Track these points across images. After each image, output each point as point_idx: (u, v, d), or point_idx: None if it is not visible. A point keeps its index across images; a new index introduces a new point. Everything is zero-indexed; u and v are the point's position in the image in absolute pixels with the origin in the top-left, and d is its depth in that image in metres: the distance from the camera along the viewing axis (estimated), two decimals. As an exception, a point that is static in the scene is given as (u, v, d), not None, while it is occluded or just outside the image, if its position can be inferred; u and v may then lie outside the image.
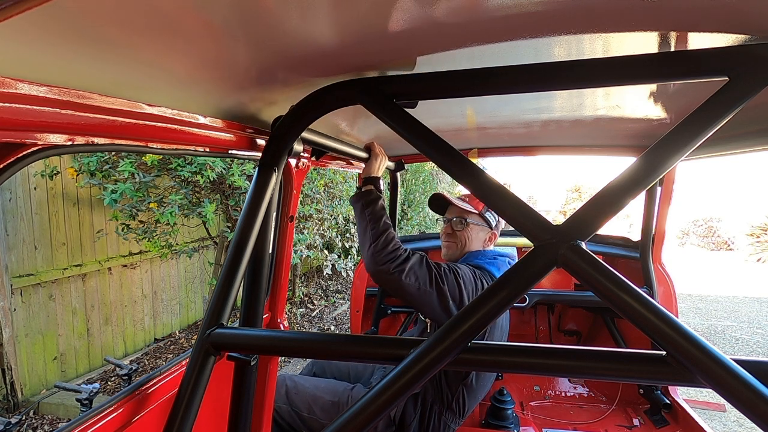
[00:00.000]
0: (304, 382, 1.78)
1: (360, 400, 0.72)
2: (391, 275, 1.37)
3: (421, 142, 0.83)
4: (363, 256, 1.44)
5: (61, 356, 3.67)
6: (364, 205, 1.47)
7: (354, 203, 1.51)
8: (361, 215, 1.46)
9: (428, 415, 1.62)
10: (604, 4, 0.59)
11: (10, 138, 0.54)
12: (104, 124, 0.65)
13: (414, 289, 1.39)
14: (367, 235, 1.42)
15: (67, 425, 0.89)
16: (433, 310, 1.43)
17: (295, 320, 5.27)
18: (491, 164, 25.73)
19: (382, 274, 1.38)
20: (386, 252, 1.38)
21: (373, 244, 1.39)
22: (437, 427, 1.63)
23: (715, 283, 8.65)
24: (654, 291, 2.11)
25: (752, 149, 1.32)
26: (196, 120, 0.84)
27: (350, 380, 1.94)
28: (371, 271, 1.41)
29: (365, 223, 1.44)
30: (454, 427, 1.66)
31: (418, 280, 1.40)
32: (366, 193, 1.50)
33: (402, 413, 1.61)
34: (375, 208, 1.46)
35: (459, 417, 1.66)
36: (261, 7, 0.54)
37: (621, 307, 0.67)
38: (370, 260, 1.39)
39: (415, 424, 1.61)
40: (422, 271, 1.42)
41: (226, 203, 3.90)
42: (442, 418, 1.63)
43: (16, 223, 3.31)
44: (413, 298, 1.41)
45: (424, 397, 1.63)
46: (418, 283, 1.40)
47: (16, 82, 0.51)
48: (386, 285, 1.42)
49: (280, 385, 1.74)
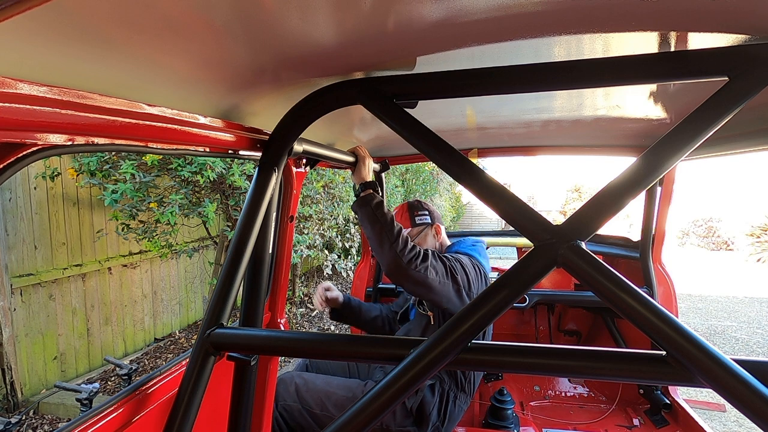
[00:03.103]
0: (314, 379, 1.78)
1: (360, 400, 0.72)
2: (417, 272, 1.40)
3: (421, 142, 0.83)
4: (383, 257, 1.43)
5: (61, 356, 3.67)
6: (374, 207, 1.46)
7: (360, 208, 1.49)
8: (373, 218, 1.45)
9: (446, 401, 1.66)
10: (604, 4, 0.59)
11: (10, 138, 0.54)
12: (104, 124, 0.65)
13: (437, 283, 1.44)
14: (385, 236, 1.41)
15: (67, 425, 0.89)
16: (450, 300, 1.48)
17: (295, 320, 5.27)
18: (491, 164, 25.75)
19: (408, 272, 1.39)
20: (407, 250, 1.40)
21: (394, 243, 1.40)
22: (453, 411, 1.67)
23: (715, 283, 8.65)
24: (654, 291, 2.11)
25: (752, 149, 1.32)
26: (196, 120, 0.84)
27: (348, 375, 1.96)
28: (397, 271, 1.41)
29: (379, 226, 1.43)
30: (465, 407, 1.73)
31: (438, 273, 1.44)
32: (370, 196, 1.49)
33: (420, 403, 1.62)
34: (384, 209, 1.47)
35: (469, 396, 1.73)
36: (261, 7, 0.54)
37: (621, 307, 0.67)
38: (393, 260, 1.40)
39: (434, 412, 1.63)
40: (439, 264, 1.46)
41: (226, 203, 3.90)
42: (456, 401, 1.68)
43: (16, 223, 3.31)
44: (435, 293, 1.45)
45: (441, 385, 1.66)
46: (439, 277, 1.44)
47: (16, 82, 0.51)
48: (410, 282, 1.43)
49: (289, 383, 1.74)
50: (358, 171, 1.58)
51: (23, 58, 0.50)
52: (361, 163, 1.58)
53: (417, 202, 1.86)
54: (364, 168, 1.58)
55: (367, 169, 1.59)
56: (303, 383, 1.75)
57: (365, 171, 1.58)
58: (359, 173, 1.58)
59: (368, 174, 1.59)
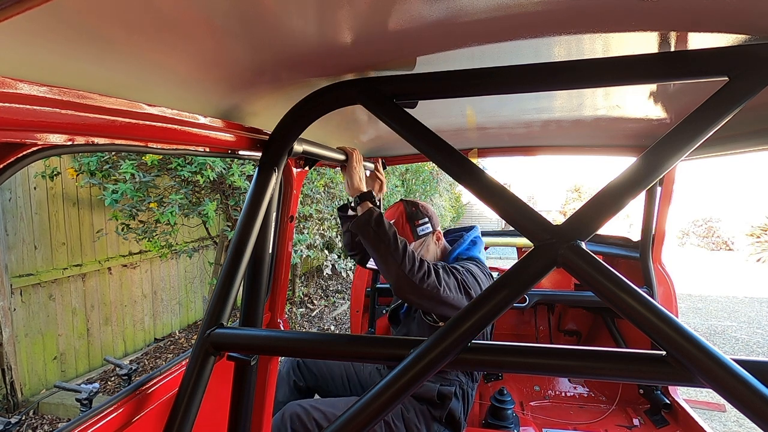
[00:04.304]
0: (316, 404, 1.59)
1: (360, 400, 0.72)
2: (429, 291, 1.33)
3: (421, 142, 0.83)
4: (389, 277, 1.34)
5: (61, 356, 3.67)
6: (375, 227, 1.35)
7: (360, 227, 1.38)
8: (375, 239, 1.34)
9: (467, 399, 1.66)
10: (605, 4, 0.59)
11: (10, 138, 0.54)
12: (104, 124, 0.65)
13: (451, 299, 1.38)
14: (390, 257, 1.32)
15: (67, 425, 0.89)
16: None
17: (295, 320, 5.27)
18: (491, 164, 25.73)
19: (419, 291, 1.32)
20: (416, 269, 1.32)
21: (401, 264, 1.30)
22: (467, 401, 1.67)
23: (715, 283, 8.64)
24: (654, 291, 2.11)
25: (752, 149, 1.32)
26: (196, 120, 0.84)
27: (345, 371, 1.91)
28: (407, 291, 1.34)
29: (383, 246, 1.33)
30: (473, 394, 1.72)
31: (452, 289, 1.38)
32: (368, 214, 1.38)
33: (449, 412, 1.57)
34: (385, 226, 1.36)
35: (476, 382, 1.73)
36: (261, 7, 0.54)
37: (621, 307, 0.67)
38: (402, 281, 1.31)
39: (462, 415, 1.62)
40: (450, 279, 1.39)
41: (226, 203, 3.90)
42: (472, 392, 1.69)
43: (16, 223, 3.31)
44: (450, 308, 1.39)
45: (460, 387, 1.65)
46: (453, 293, 1.38)
47: (16, 82, 0.51)
48: (420, 299, 1.36)
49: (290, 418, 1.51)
50: (349, 177, 1.47)
51: (23, 58, 0.50)
52: (351, 167, 1.46)
53: (415, 209, 1.73)
54: (355, 174, 1.46)
55: (358, 175, 1.47)
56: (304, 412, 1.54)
57: (357, 178, 1.46)
58: (351, 181, 1.46)
59: (361, 182, 1.48)
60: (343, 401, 1.64)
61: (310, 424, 1.49)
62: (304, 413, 1.51)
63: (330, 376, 1.90)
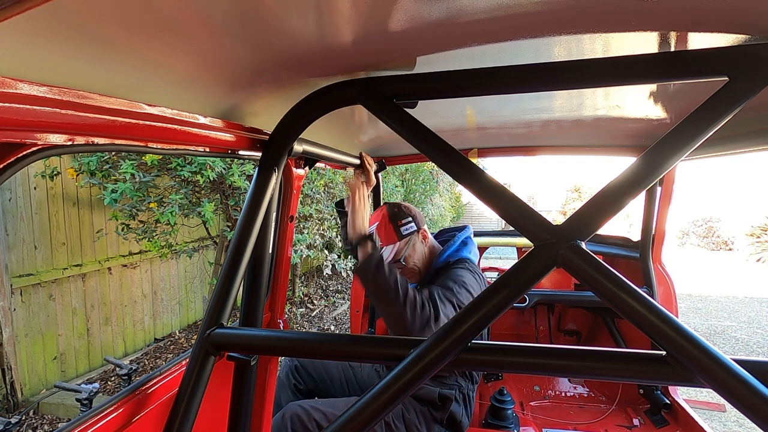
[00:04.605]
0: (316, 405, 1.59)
1: (360, 400, 0.72)
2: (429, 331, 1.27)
3: (421, 142, 0.83)
4: (390, 323, 1.30)
5: (61, 356, 3.67)
6: (375, 272, 1.29)
7: (360, 275, 1.33)
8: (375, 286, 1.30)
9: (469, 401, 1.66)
10: (605, 4, 0.59)
11: (10, 138, 0.54)
12: (104, 124, 0.65)
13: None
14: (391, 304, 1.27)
15: (67, 425, 0.89)
16: None
17: (295, 320, 5.27)
18: (491, 164, 25.74)
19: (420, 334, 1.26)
20: (418, 316, 1.27)
21: (402, 313, 1.25)
22: (468, 403, 1.67)
23: (715, 283, 8.65)
24: (654, 291, 2.11)
25: (752, 149, 1.32)
26: (196, 120, 0.84)
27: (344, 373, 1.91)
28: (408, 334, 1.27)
29: (384, 295, 1.28)
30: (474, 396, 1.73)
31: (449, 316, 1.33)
32: (368, 261, 1.32)
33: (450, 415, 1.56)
34: (386, 272, 1.30)
35: (476, 384, 1.73)
36: (261, 7, 0.54)
37: (621, 307, 0.67)
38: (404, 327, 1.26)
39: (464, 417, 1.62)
40: (448, 308, 1.35)
41: (226, 203, 3.90)
42: (473, 394, 1.69)
43: (16, 223, 3.31)
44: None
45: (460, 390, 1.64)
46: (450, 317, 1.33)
47: (16, 82, 0.51)
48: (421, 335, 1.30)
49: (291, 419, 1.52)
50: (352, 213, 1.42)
51: (23, 58, 0.50)
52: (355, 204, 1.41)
53: (396, 209, 1.70)
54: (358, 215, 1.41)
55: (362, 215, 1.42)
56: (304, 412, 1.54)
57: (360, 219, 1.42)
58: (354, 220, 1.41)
59: (364, 223, 1.42)
60: (344, 402, 1.64)
61: (310, 424, 1.49)
62: (305, 413, 1.51)
63: (328, 378, 1.90)
